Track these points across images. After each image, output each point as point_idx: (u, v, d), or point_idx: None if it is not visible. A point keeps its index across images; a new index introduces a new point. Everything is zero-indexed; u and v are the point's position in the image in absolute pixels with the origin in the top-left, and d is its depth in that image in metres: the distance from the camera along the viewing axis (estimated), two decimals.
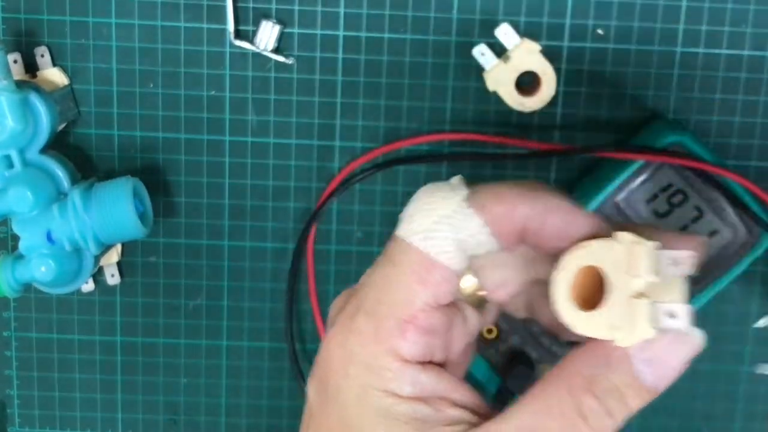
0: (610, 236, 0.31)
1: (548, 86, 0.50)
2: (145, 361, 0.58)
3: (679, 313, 0.31)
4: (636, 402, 0.31)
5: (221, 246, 0.56)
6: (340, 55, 0.53)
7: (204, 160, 0.55)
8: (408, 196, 0.56)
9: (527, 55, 0.49)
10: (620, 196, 0.51)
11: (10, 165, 0.50)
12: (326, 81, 0.53)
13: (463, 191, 0.32)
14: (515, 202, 0.32)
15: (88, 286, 0.56)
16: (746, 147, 0.54)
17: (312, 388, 0.34)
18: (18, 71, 0.52)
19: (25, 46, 0.53)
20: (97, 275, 0.56)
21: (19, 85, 0.49)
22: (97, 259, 0.53)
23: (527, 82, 0.51)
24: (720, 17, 0.52)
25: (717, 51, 0.53)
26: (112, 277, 0.56)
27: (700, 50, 0.53)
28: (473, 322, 0.35)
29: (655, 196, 0.51)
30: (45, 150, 0.51)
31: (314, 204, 0.55)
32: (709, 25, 0.52)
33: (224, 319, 0.57)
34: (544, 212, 0.32)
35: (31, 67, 0.53)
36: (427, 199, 0.33)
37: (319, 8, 0.52)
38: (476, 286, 0.36)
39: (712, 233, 0.51)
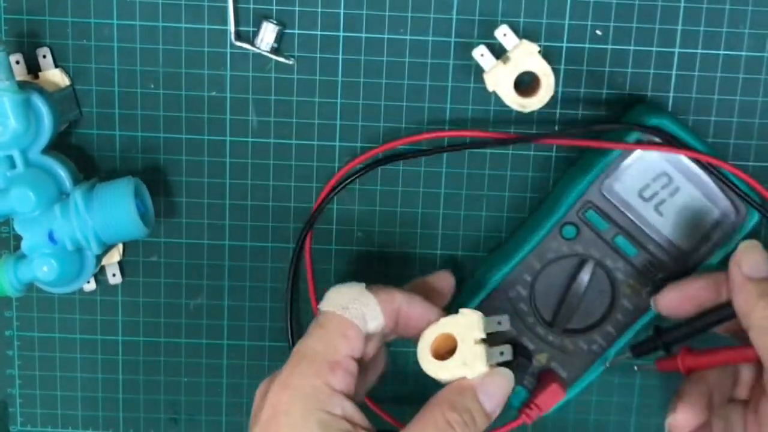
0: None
1: (547, 87, 0.50)
2: (147, 360, 0.58)
3: (506, 351, 0.47)
4: (481, 422, 0.45)
5: (222, 246, 0.56)
6: (340, 56, 0.53)
7: (205, 160, 0.55)
8: (408, 195, 0.56)
9: (526, 55, 0.49)
10: (605, 182, 0.51)
11: (13, 165, 0.50)
12: (326, 81, 0.54)
13: (362, 284, 0.47)
14: (394, 292, 0.47)
15: (90, 285, 0.56)
16: (744, 147, 0.54)
17: None
18: (20, 72, 0.52)
19: (27, 47, 0.53)
20: (99, 275, 0.56)
21: (21, 85, 0.49)
22: (98, 258, 0.53)
23: (526, 83, 0.51)
24: (718, 18, 0.52)
25: (715, 52, 0.53)
26: (114, 277, 0.56)
27: (699, 51, 0.53)
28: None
29: (640, 180, 0.51)
30: (47, 150, 0.51)
31: (314, 204, 0.55)
32: (708, 26, 0.52)
33: (225, 319, 0.58)
34: (411, 300, 0.47)
35: (33, 67, 0.53)
36: (340, 288, 0.48)
37: (319, 9, 0.53)
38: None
39: (700, 214, 0.51)
